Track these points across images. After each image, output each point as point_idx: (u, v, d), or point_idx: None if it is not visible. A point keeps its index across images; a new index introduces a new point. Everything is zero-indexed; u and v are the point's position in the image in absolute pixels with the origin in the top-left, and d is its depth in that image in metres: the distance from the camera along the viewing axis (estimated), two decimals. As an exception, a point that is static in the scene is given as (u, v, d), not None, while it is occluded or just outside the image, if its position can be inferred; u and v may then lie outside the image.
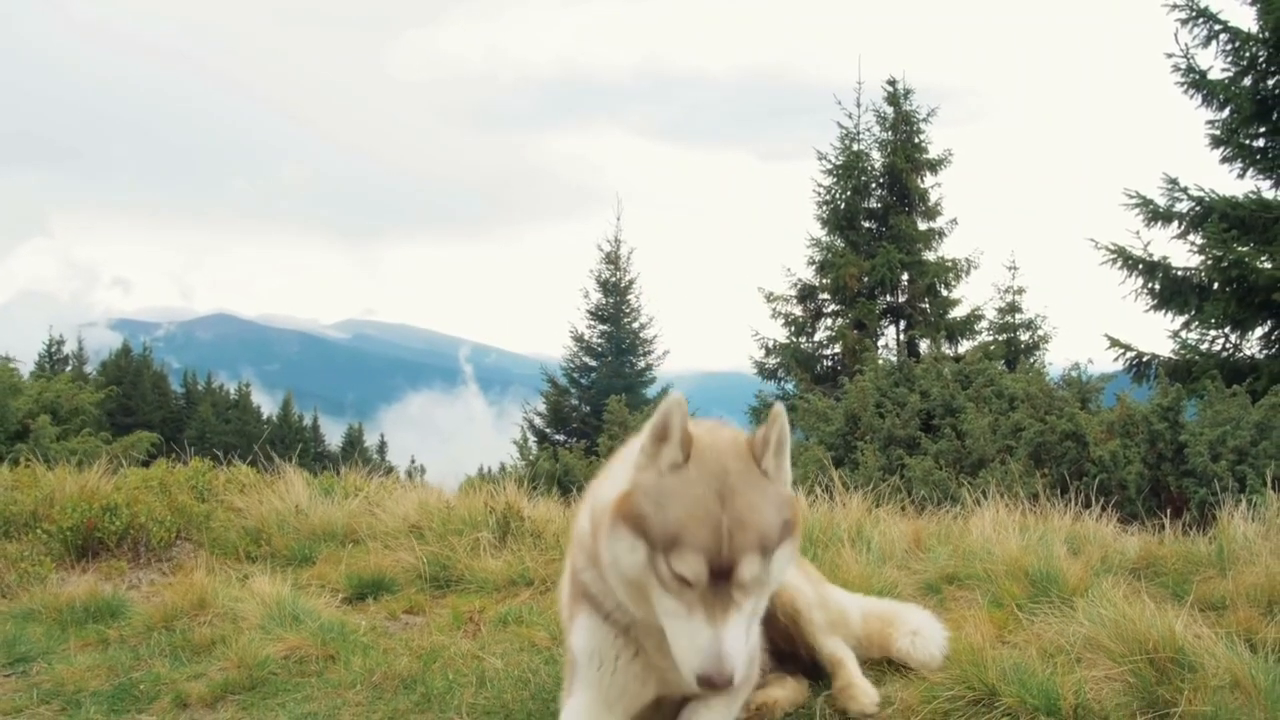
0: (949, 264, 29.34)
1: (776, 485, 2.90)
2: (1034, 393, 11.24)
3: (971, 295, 30.13)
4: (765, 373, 30.72)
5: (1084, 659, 4.12)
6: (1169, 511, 7.18)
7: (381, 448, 74.43)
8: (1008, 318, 29.13)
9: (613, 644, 3.17)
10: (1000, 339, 28.52)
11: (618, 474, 3.05)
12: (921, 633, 4.32)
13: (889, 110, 29.90)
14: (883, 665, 4.30)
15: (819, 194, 30.02)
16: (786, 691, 3.88)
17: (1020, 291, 28.98)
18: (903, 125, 29.77)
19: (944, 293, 29.53)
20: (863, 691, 3.79)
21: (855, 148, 29.95)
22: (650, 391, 38.56)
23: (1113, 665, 3.93)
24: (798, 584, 3.89)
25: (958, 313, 29.31)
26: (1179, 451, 9.20)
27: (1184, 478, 9.13)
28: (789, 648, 4.00)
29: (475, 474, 15.22)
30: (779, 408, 2.92)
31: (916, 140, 29.84)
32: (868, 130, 30.21)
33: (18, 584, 5.93)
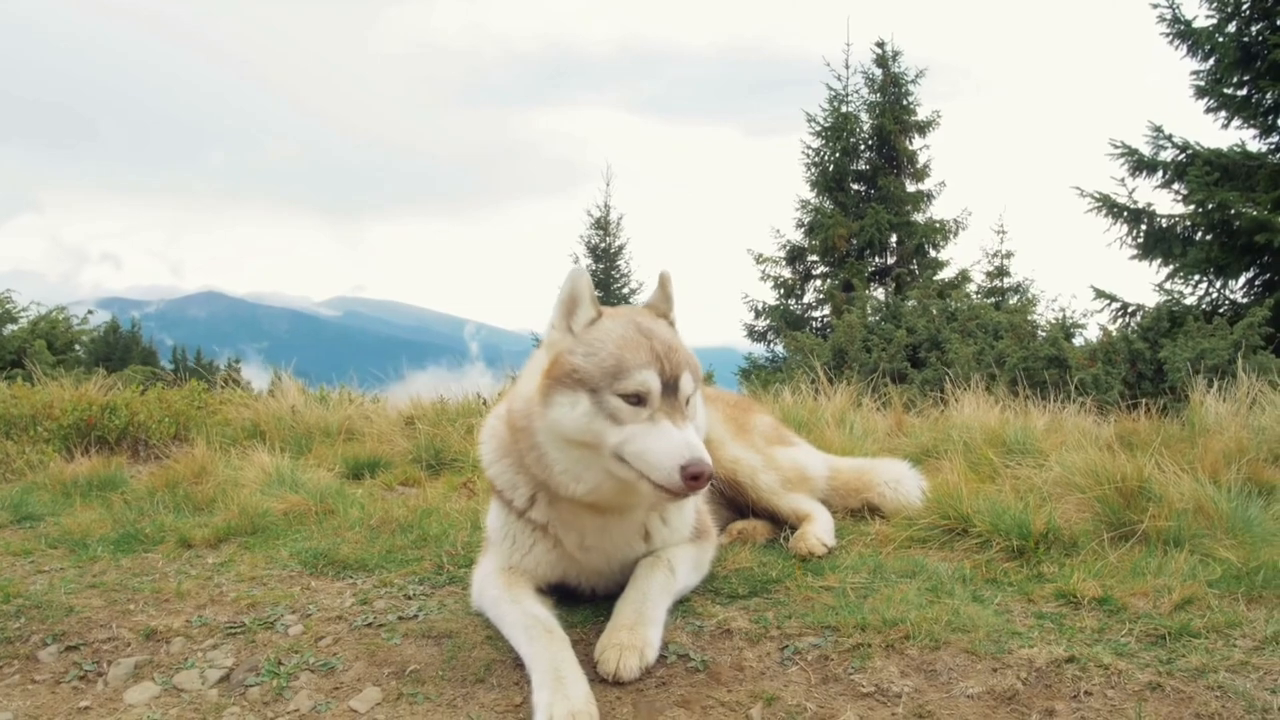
0: (937, 225, 29.45)
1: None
2: (1018, 323, 11.40)
3: (960, 257, 30.30)
4: (755, 335, 30.82)
5: (1055, 495, 4.30)
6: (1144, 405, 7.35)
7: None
8: (996, 281, 29.31)
9: (529, 534, 3.35)
10: (989, 302, 28.75)
11: (529, 375, 3.24)
12: (901, 481, 4.52)
13: (877, 72, 29.93)
14: (864, 512, 4.48)
15: (807, 156, 30.06)
16: (763, 526, 4.13)
17: (1009, 255, 29.17)
18: (891, 87, 29.79)
19: (932, 254, 29.64)
20: (814, 538, 3.98)
21: (844, 109, 29.98)
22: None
23: (1082, 498, 4.09)
24: (734, 455, 4.15)
25: (946, 274, 29.44)
26: (1159, 370, 9.37)
27: (1167, 395, 9.31)
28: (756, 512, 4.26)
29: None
30: (667, 272, 3.27)
31: (905, 102, 29.86)
32: (856, 92, 30.25)
33: (22, 469, 6.05)
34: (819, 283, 30.43)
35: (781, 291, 30.57)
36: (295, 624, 3.47)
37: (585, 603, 3.44)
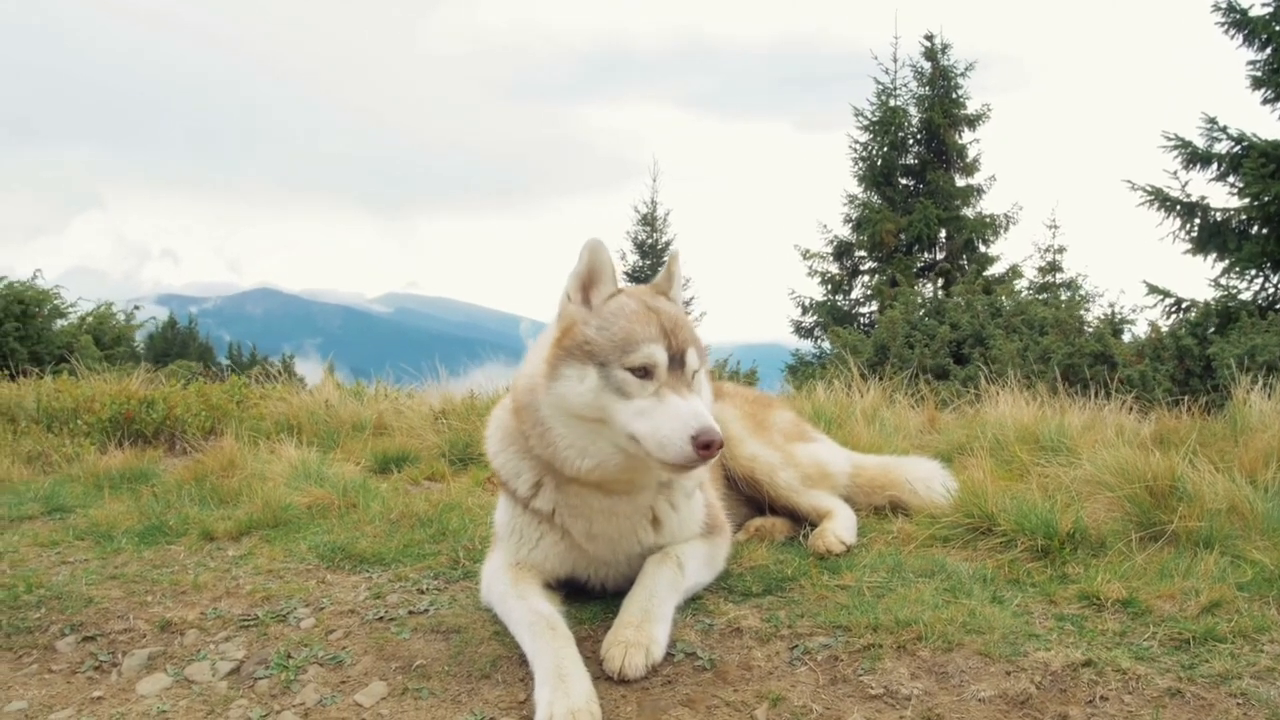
0: (987, 220, 29.04)
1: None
2: (1064, 318, 11.18)
3: (1010, 252, 29.88)
4: (802, 332, 30.61)
5: (1085, 495, 4.19)
6: (1186, 402, 7.16)
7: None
8: (1048, 277, 28.83)
9: (536, 527, 3.34)
10: (1040, 298, 28.29)
11: (535, 353, 3.22)
12: (927, 480, 4.43)
13: (926, 65, 29.57)
14: (889, 510, 4.40)
15: (855, 150, 29.79)
16: (782, 523, 4.07)
17: (1061, 250, 28.69)
18: (940, 80, 29.42)
19: (982, 249, 29.24)
20: (833, 535, 3.91)
21: (892, 104, 29.65)
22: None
23: (1112, 496, 3.98)
24: (752, 453, 4.10)
25: (996, 269, 29.01)
26: (1207, 367, 9.14)
27: (1211, 394, 9.08)
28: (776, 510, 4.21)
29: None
30: (675, 250, 3.22)
31: (954, 96, 29.47)
32: (905, 86, 29.91)
33: (59, 462, 6.15)
34: (867, 278, 30.16)
35: (829, 287, 30.34)
36: (308, 617, 3.48)
37: (595, 599, 3.41)
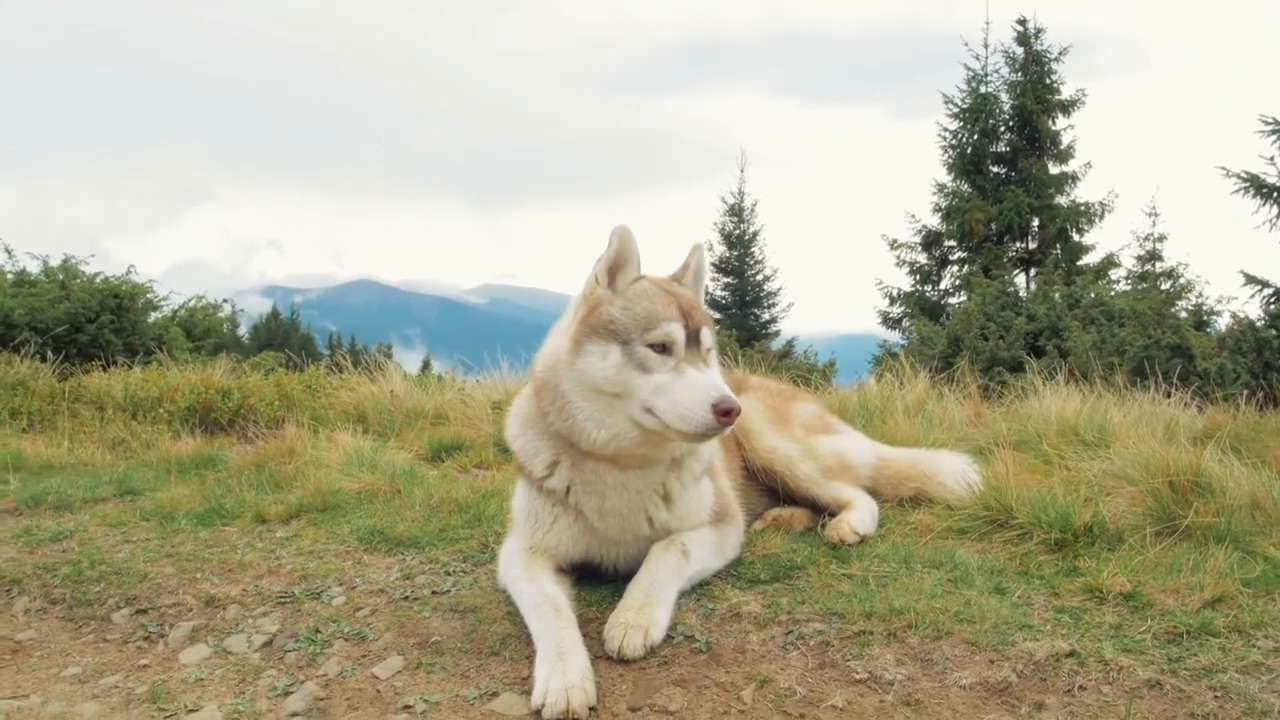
0: (1081, 208, 28.28)
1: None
2: (1141, 309, 10.92)
3: (1106, 241, 29.03)
4: (890, 322, 30.28)
5: (1110, 490, 4.18)
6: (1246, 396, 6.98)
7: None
8: (1147, 266, 27.96)
9: (549, 511, 3.50)
10: (1139, 288, 27.42)
11: (557, 333, 3.42)
12: (955, 474, 4.46)
13: (1018, 51, 28.89)
14: (915, 502, 4.45)
15: (944, 138, 29.30)
16: (801, 513, 4.16)
17: (1161, 239, 27.77)
18: (1033, 66, 28.71)
19: (1075, 238, 28.50)
20: (847, 526, 3.99)
21: (983, 90, 29.06)
22: (774, 344, 38.40)
23: (1134, 491, 3.97)
24: (772, 445, 4.20)
25: (1090, 259, 28.27)
26: (1287, 360, 8.87)
27: (1289, 388, 8.81)
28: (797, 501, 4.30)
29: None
30: (698, 244, 3.50)
31: (1047, 81, 28.74)
32: (996, 72, 29.28)
33: (138, 449, 6.53)
34: (956, 268, 29.67)
35: (917, 278, 29.94)
36: (339, 595, 3.70)
37: (607, 583, 3.54)
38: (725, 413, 2.99)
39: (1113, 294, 12.17)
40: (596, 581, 3.57)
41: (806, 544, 3.90)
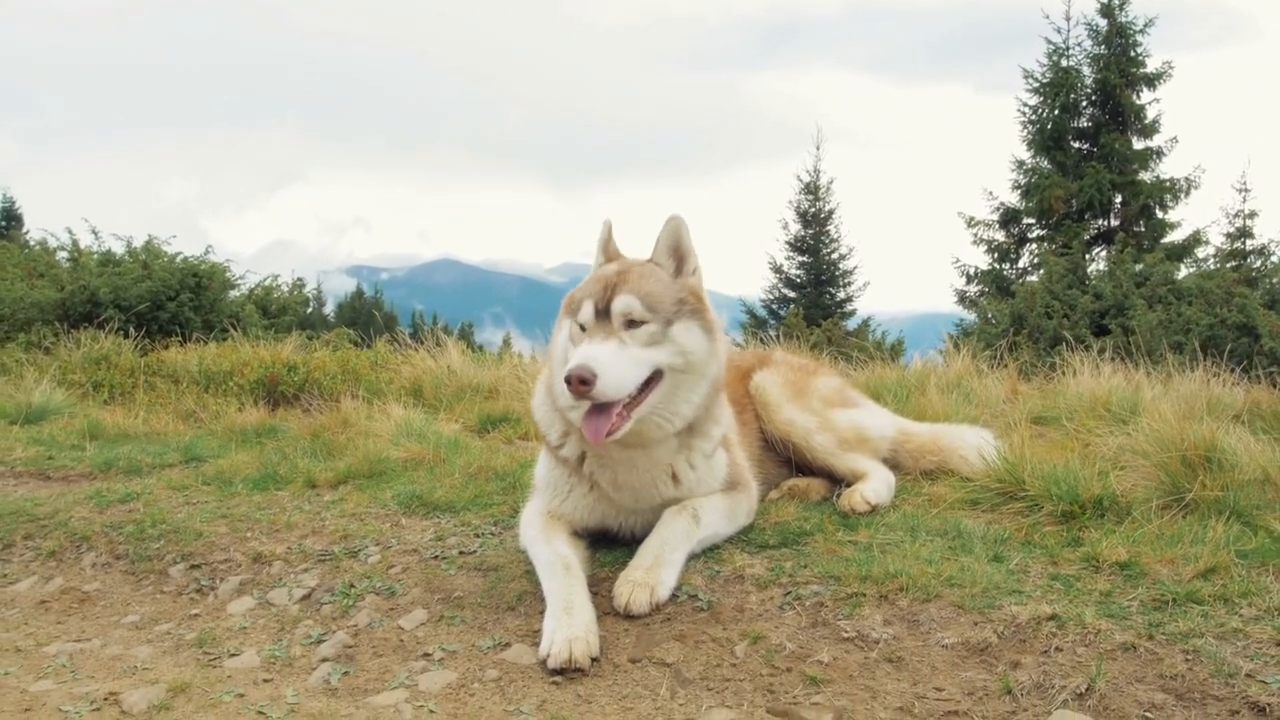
0: (1166, 184, 27.50)
1: (669, 274, 3.45)
2: (1209, 288, 10.73)
3: (1192, 218, 28.19)
4: (966, 301, 29.88)
5: (1126, 464, 4.23)
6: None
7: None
8: (1237, 244, 27.10)
9: (566, 480, 3.69)
10: (1228, 266, 26.61)
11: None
12: (976, 447, 4.54)
13: (1102, 23, 28.14)
14: (936, 474, 4.55)
15: (1024, 114, 28.71)
16: (818, 483, 4.29)
17: (1252, 215, 26.84)
18: (1117, 38, 27.95)
19: (1160, 215, 27.76)
20: (859, 495, 4.09)
21: (1064, 64, 28.39)
22: (850, 324, 38.12)
23: (1148, 466, 4.03)
24: (789, 417, 4.32)
25: (1176, 236, 27.50)
26: (1355, 340, 8.68)
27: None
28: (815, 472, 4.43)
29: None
30: (671, 215, 3.50)
31: (1132, 54, 27.96)
32: (1078, 45, 28.57)
33: (207, 419, 6.90)
34: (1035, 246, 29.15)
35: (995, 256, 29.49)
36: (375, 554, 3.95)
37: (621, 547, 3.73)
38: (578, 381, 3.05)
39: (1181, 274, 11.91)
40: (612, 545, 3.76)
41: (818, 513, 4.04)
